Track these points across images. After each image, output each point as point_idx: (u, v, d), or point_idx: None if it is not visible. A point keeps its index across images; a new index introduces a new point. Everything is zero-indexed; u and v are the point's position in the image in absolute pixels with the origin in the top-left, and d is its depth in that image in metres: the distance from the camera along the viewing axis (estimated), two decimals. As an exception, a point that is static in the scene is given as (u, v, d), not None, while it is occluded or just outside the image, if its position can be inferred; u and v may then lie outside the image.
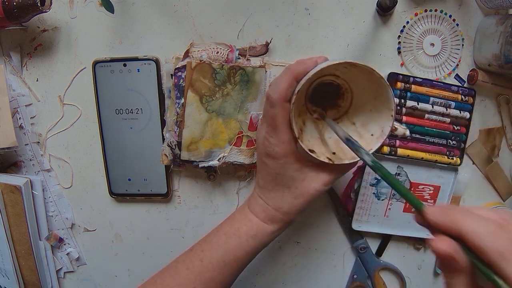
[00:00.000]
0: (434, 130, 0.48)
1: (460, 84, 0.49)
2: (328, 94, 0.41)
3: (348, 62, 0.34)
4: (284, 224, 0.39)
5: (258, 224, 0.39)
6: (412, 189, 0.50)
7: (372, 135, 0.38)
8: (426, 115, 0.48)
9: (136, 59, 0.46)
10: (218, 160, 0.46)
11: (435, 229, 0.25)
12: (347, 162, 0.37)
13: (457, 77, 0.49)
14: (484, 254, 0.22)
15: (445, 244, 0.24)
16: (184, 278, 0.37)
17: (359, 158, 0.35)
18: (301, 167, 0.37)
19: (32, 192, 0.48)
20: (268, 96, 0.35)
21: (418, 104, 0.47)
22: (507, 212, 0.25)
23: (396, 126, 0.37)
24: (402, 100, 0.47)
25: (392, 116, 0.36)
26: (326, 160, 0.36)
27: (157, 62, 0.45)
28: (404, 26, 0.47)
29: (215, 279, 0.37)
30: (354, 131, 0.40)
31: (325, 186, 0.37)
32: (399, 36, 0.47)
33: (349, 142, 0.34)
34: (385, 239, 0.52)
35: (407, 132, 0.38)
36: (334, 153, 0.39)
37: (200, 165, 0.46)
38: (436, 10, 0.47)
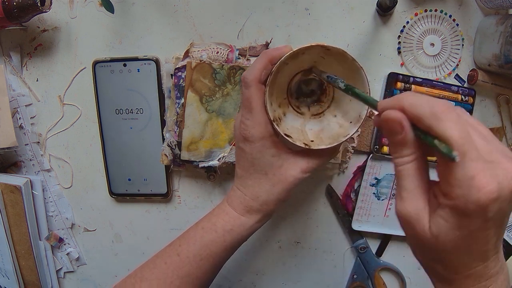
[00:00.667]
0: (434, 130, 0.48)
1: (460, 84, 0.49)
2: (312, 90, 0.41)
3: (320, 45, 0.35)
4: (262, 216, 0.39)
5: (235, 218, 0.38)
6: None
7: (351, 122, 0.38)
8: (426, 115, 0.48)
9: (136, 59, 0.46)
10: (218, 160, 0.46)
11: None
12: (323, 147, 0.36)
13: (457, 77, 0.49)
14: (423, 121, 0.24)
15: (392, 111, 0.26)
16: (162, 272, 0.38)
17: (336, 143, 0.36)
18: (278, 152, 0.36)
19: (32, 192, 0.48)
20: (243, 77, 0.35)
21: (418, 104, 0.47)
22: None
23: (374, 112, 0.37)
24: (402, 100, 0.47)
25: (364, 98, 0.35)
26: (302, 145, 0.36)
27: (157, 62, 0.45)
28: (404, 26, 0.47)
29: (192, 273, 0.37)
30: (335, 122, 0.40)
31: (303, 173, 0.37)
32: (399, 36, 0.47)
33: (324, 75, 0.36)
34: (385, 239, 0.52)
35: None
36: (312, 141, 0.38)
37: (200, 165, 0.46)
38: (436, 10, 0.47)
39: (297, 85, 0.41)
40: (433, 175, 0.27)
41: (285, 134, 0.36)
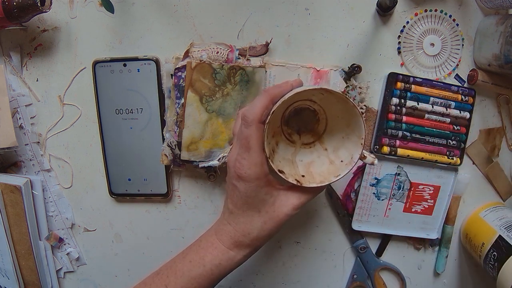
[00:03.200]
0: (434, 130, 0.48)
1: (460, 84, 0.49)
2: (305, 118, 0.42)
3: (324, 88, 0.35)
4: (250, 251, 0.39)
5: (224, 252, 0.38)
6: (412, 189, 0.50)
7: (342, 161, 0.39)
8: (426, 115, 0.48)
9: (136, 59, 0.46)
10: (218, 160, 0.46)
11: None
12: (314, 185, 0.37)
13: (457, 77, 0.49)
14: None
15: None
16: None
17: (328, 183, 0.37)
18: (271, 190, 0.37)
19: (32, 192, 0.48)
20: (244, 116, 0.35)
21: (418, 104, 0.47)
22: None
23: (365, 155, 0.38)
24: (402, 100, 0.47)
25: (362, 144, 0.37)
26: (295, 182, 0.37)
27: (157, 62, 0.45)
28: (404, 26, 0.47)
29: None
30: (325, 156, 0.41)
31: (294, 210, 0.37)
32: (399, 36, 0.47)
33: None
34: (385, 239, 0.52)
35: (376, 161, 0.38)
36: (303, 176, 0.39)
37: (200, 165, 0.46)
38: (436, 10, 0.47)
39: (291, 113, 0.41)
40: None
41: (279, 170, 0.37)
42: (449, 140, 0.49)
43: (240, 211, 0.37)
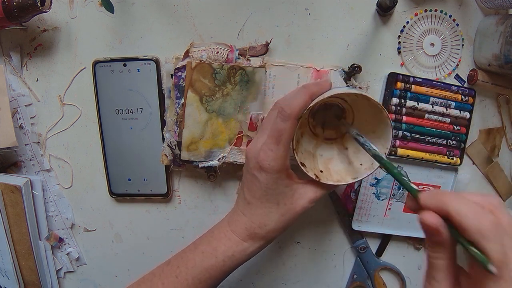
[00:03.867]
0: (434, 130, 0.48)
1: (460, 84, 0.49)
2: (331, 114, 0.42)
3: (362, 94, 0.35)
4: (265, 243, 0.39)
5: (237, 244, 0.38)
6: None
7: (361, 164, 0.39)
8: (426, 115, 0.48)
9: (136, 59, 0.46)
10: (218, 160, 0.46)
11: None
12: (331, 183, 0.38)
13: (457, 77, 0.49)
14: (467, 232, 0.24)
15: (432, 217, 0.26)
16: None
17: (344, 183, 0.37)
18: (291, 183, 0.37)
19: (32, 192, 0.48)
20: (282, 110, 0.35)
21: (418, 104, 0.47)
22: (496, 198, 0.27)
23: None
24: (402, 100, 0.47)
25: (385, 153, 0.37)
26: (313, 177, 0.37)
27: (157, 62, 0.45)
28: (404, 26, 0.47)
29: None
30: (345, 155, 0.41)
31: (310, 203, 0.38)
32: (399, 36, 0.47)
33: (358, 137, 0.37)
34: (385, 239, 0.52)
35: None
36: (321, 171, 0.39)
37: (200, 165, 0.46)
38: (436, 10, 0.47)
39: (320, 107, 0.42)
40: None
41: (301, 163, 0.37)
42: (449, 140, 0.49)
43: (259, 202, 0.37)
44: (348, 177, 0.38)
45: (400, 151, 0.47)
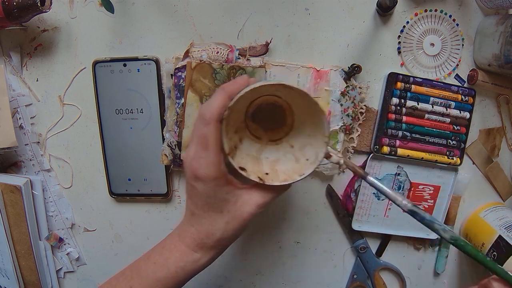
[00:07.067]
0: (434, 130, 0.48)
1: (460, 84, 0.49)
2: (272, 114, 0.41)
3: (282, 84, 0.34)
4: (216, 253, 0.38)
5: (188, 254, 0.37)
6: (412, 189, 0.50)
7: (307, 159, 0.37)
8: (426, 115, 0.48)
9: (136, 59, 0.46)
10: (218, 160, 0.46)
11: None
12: (277, 183, 0.36)
13: (457, 77, 0.49)
14: None
15: None
16: None
17: (291, 181, 0.36)
18: (233, 189, 0.36)
19: (32, 192, 0.48)
20: (201, 114, 0.34)
21: (418, 104, 0.47)
22: None
23: (331, 153, 0.37)
24: (402, 100, 0.47)
25: (325, 142, 0.35)
26: (257, 180, 0.36)
27: (157, 62, 0.45)
28: (404, 26, 0.47)
29: None
30: (291, 153, 0.40)
31: (258, 208, 0.36)
32: (399, 36, 0.47)
33: (415, 214, 0.35)
34: (385, 239, 0.52)
35: (341, 161, 0.37)
36: (267, 174, 0.38)
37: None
38: (436, 10, 0.47)
39: (257, 108, 0.40)
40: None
41: (240, 167, 0.36)
42: (449, 140, 0.49)
43: (201, 212, 0.36)
44: (295, 175, 0.37)
45: (400, 151, 0.47)
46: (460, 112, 0.48)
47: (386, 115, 0.47)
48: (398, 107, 0.47)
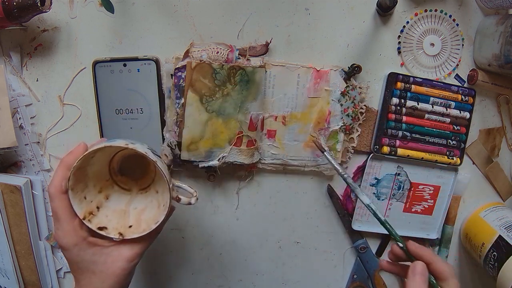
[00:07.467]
0: (434, 130, 0.48)
1: (460, 84, 0.49)
2: (137, 163, 0.42)
3: (98, 148, 0.35)
4: None
5: None
6: (412, 189, 0.50)
7: (163, 205, 0.38)
8: (426, 115, 0.48)
9: (136, 59, 0.46)
10: (218, 160, 0.46)
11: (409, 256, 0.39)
12: (136, 236, 0.37)
13: (457, 77, 0.49)
14: (441, 275, 0.37)
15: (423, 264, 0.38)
16: None
17: (149, 231, 0.37)
18: (100, 249, 0.37)
19: (32, 192, 0.48)
20: (47, 190, 0.37)
21: (418, 104, 0.47)
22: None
23: (180, 197, 0.38)
24: (402, 100, 0.47)
25: (168, 188, 0.36)
26: (117, 236, 0.37)
27: (157, 62, 0.45)
28: (404, 26, 0.47)
29: None
30: (156, 199, 0.40)
31: (129, 262, 0.37)
32: (399, 36, 0.47)
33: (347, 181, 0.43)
34: (385, 239, 0.53)
35: (193, 201, 0.39)
36: (130, 226, 0.39)
37: (200, 165, 0.46)
38: (436, 10, 0.47)
39: (123, 160, 0.41)
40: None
41: (99, 228, 0.37)
42: (449, 140, 0.49)
43: (77, 275, 0.37)
44: (152, 223, 0.37)
45: (400, 151, 0.47)
46: (460, 112, 0.48)
47: (386, 115, 0.47)
48: (398, 107, 0.47)
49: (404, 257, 0.40)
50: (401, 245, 0.39)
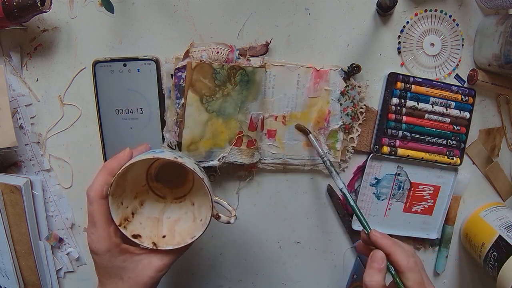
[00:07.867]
0: (434, 130, 0.48)
1: (460, 84, 0.49)
2: (174, 172, 0.42)
3: (155, 157, 0.35)
4: None
5: None
6: (412, 189, 0.50)
7: (200, 220, 0.38)
8: (426, 115, 0.48)
9: (136, 59, 0.46)
10: (218, 160, 0.46)
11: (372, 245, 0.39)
12: (170, 248, 0.37)
13: (457, 77, 0.49)
14: (399, 267, 0.36)
15: (382, 253, 0.38)
16: None
17: (184, 245, 0.37)
18: (130, 256, 0.37)
19: (32, 192, 0.48)
20: (87, 194, 0.36)
21: (418, 104, 0.47)
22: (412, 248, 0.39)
23: (220, 215, 0.38)
24: (402, 100, 0.47)
25: (211, 206, 0.36)
26: (151, 246, 0.37)
27: (157, 62, 0.45)
28: (404, 26, 0.47)
29: None
30: (191, 212, 0.40)
31: (158, 272, 0.37)
32: (399, 36, 0.47)
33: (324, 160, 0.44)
34: (385, 239, 0.52)
35: (232, 220, 0.39)
36: (164, 236, 0.38)
37: (200, 165, 0.46)
38: (436, 10, 0.47)
39: (161, 167, 0.41)
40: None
41: (134, 235, 0.37)
42: (449, 140, 0.49)
43: (105, 280, 0.38)
44: (188, 237, 0.37)
45: (400, 151, 0.47)
46: (460, 112, 0.48)
47: (386, 115, 0.47)
48: (398, 107, 0.47)
49: (371, 243, 0.40)
50: (366, 232, 0.40)
